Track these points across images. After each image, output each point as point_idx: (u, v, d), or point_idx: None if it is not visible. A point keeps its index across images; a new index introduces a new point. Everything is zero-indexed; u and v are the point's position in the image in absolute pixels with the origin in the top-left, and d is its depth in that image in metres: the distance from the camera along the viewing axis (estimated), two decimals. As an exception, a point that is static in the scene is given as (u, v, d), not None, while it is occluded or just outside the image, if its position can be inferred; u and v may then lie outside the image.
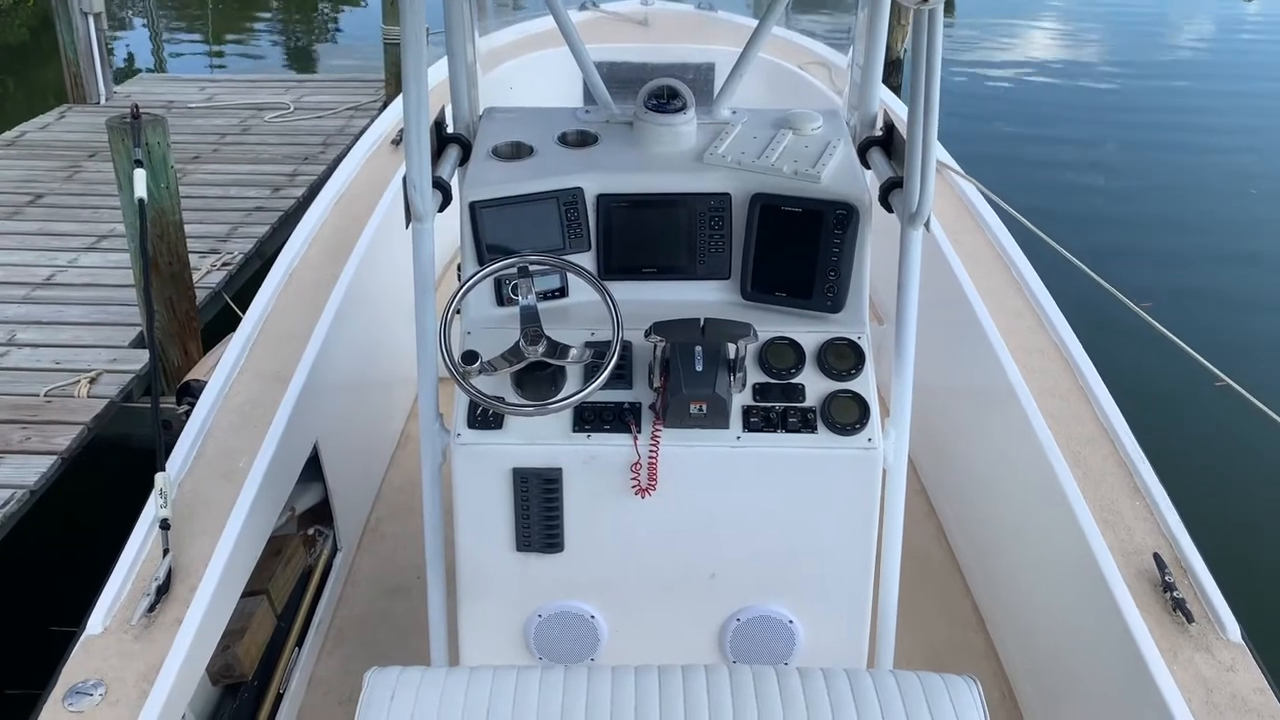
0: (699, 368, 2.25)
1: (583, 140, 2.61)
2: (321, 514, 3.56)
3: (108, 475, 3.87)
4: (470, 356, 2.14)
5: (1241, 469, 5.06)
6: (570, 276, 2.46)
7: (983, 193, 4.08)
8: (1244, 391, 3.03)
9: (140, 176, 3.73)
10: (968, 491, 3.52)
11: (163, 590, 2.43)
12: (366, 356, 3.84)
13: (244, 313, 3.52)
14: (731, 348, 2.30)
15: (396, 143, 4.68)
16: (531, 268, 2.28)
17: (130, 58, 13.20)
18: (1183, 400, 5.12)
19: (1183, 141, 10.02)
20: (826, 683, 1.76)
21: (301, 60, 13.80)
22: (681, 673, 1.80)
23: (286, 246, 3.84)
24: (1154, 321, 3.18)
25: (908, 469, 2.44)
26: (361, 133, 7.45)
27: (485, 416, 2.35)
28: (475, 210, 2.41)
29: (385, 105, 7.86)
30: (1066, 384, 3.07)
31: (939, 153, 4.42)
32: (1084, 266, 3.50)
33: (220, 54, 13.68)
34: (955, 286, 3.56)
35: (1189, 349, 3.09)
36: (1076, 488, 2.66)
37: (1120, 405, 2.98)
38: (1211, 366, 3.09)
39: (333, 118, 8.55)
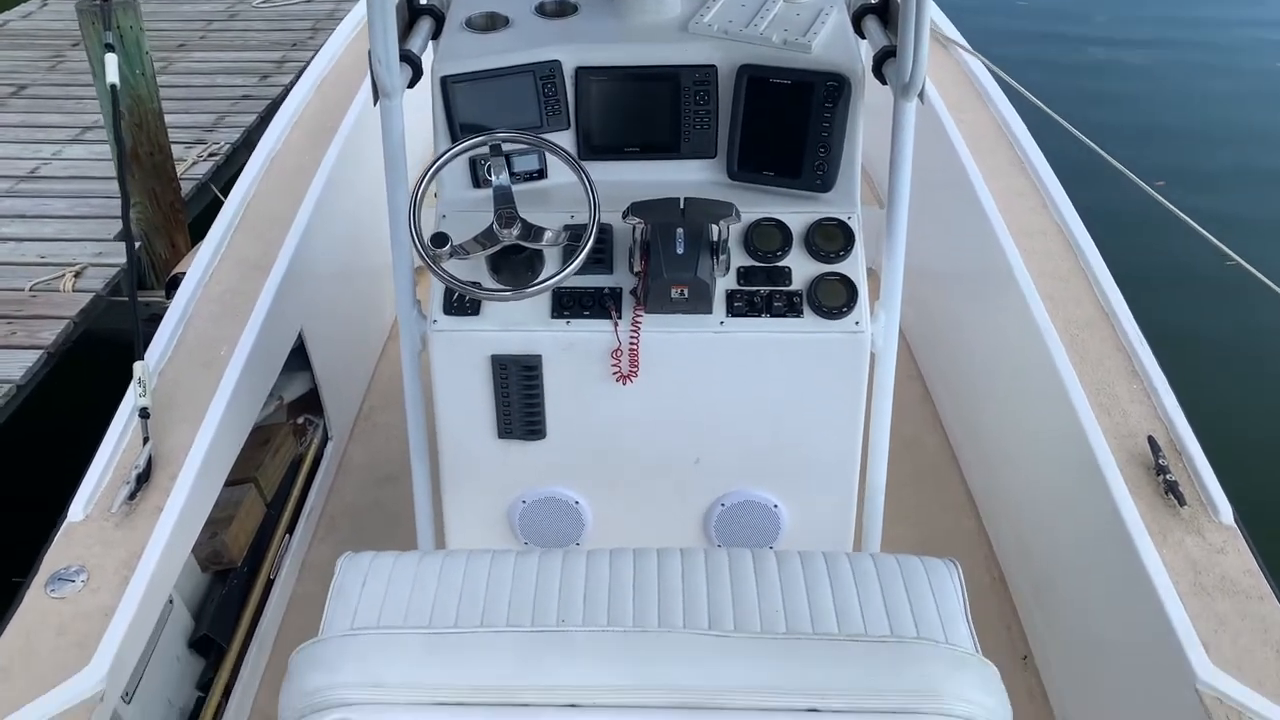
0: (680, 250, 2.18)
1: (561, 10, 2.49)
2: (311, 403, 3.53)
3: (95, 369, 3.83)
4: (440, 239, 2.06)
5: (1247, 350, 4.98)
6: (549, 157, 2.37)
7: (989, 69, 3.93)
8: (1253, 269, 2.94)
9: (112, 61, 3.59)
10: (963, 376, 3.47)
11: (143, 478, 2.41)
12: (351, 243, 3.77)
13: None
14: (714, 229, 2.22)
15: None
16: (505, 146, 2.19)
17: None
18: (1189, 281, 5.01)
19: (1205, 17, 9.64)
20: (804, 565, 1.74)
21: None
22: (657, 555, 1.78)
23: (268, 131, 3.73)
24: (1163, 199, 3.08)
25: (903, 354, 2.39)
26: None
27: (462, 302, 2.28)
28: (447, 85, 2.31)
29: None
30: (1067, 266, 2.99)
31: (944, 26, 4.25)
32: (1092, 144, 3.37)
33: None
34: (956, 165, 3.44)
35: (1198, 226, 3.00)
36: (1073, 371, 2.60)
37: (1123, 287, 2.90)
38: (1221, 245, 3.00)
39: (322, 1, 8.28)
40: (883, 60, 2.26)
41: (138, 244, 4.78)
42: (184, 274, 4.19)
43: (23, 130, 6.06)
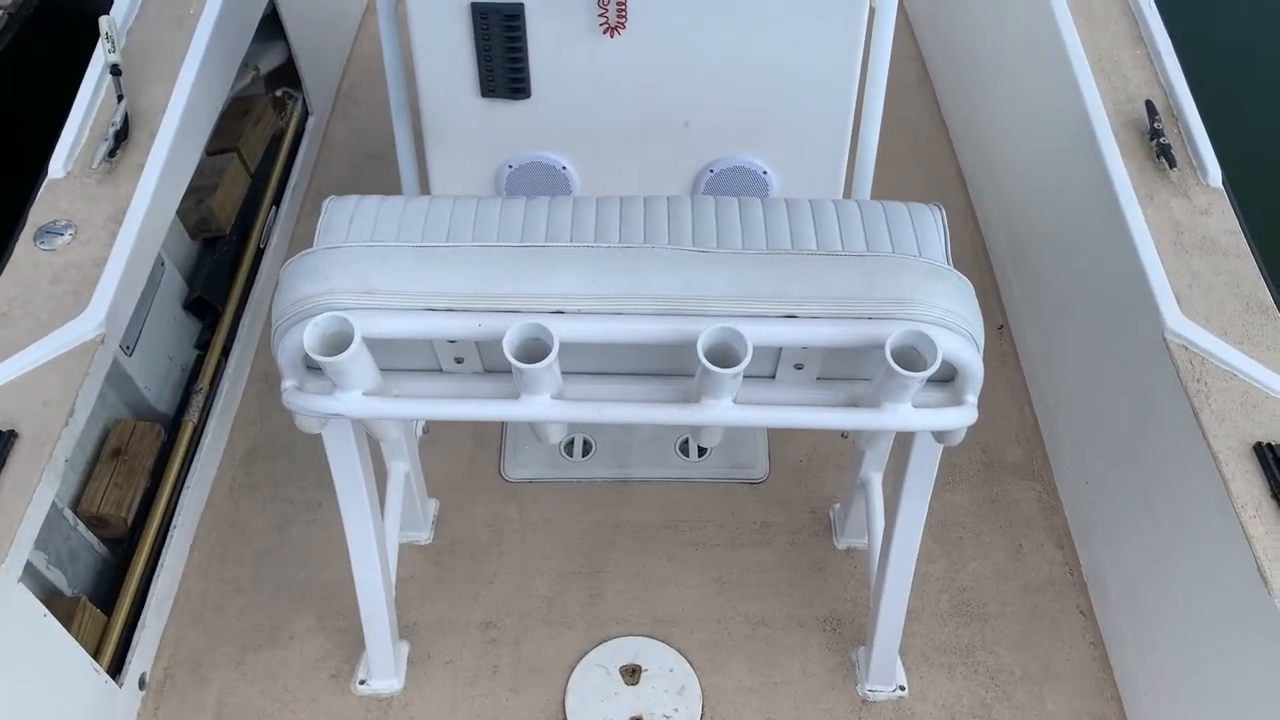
0: None
1: None
2: (289, 76, 3.42)
3: (63, 37, 3.67)
4: None
5: (1260, 24, 4.78)
6: None
7: None
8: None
9: None
10: (963, 52, 3.35)
11: (121, 136, 2.36)
12: None
13: None
14: None
15: None
16: None
17: None
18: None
19: None
20: (789, 207, 1.74)
21: None
22: (643, 201, 1.77)
23: None
24: None
25: (904, 32, 2.28)
26: None
27: None
28: None
29: None
30: None
31: None
32: None
33: None
34: None
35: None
36: (1076, 35, 2.51)
37: None
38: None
39: None
40: None
41: None
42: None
43: None
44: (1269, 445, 1.83)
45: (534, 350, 1.42)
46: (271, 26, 3.21)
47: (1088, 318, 2.42)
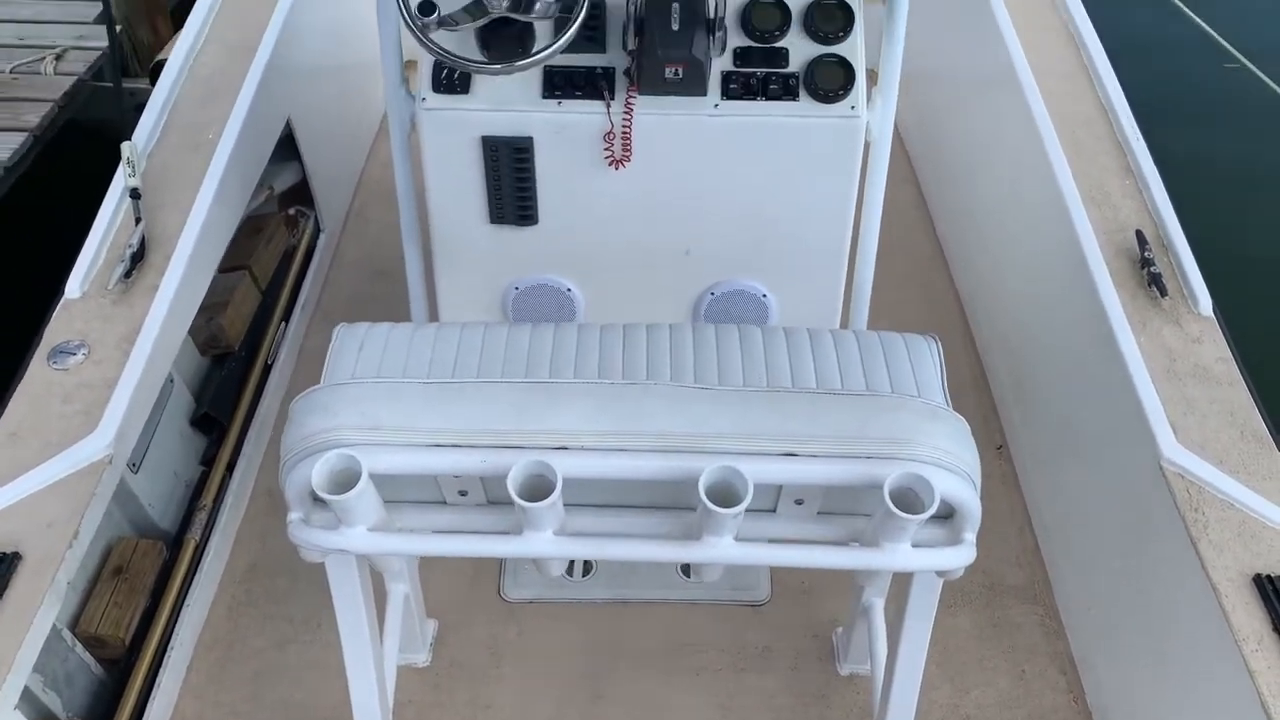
0: (675, 26, 2.12)
1: None
2: (302, 195, 3.51)
3: (82, 156, 3.79)
4: (428, 7, 2.00)
5: (1240, 150, 4.92)
6: None
7: None
8: (1258, 71, 2.89)
9: None
10: (957, 176, 3.45)
11: (137, 257, 2.43)
12: (338, 31, 3.66)
13: None
14: (711, 5, 2.15)
15: None
16: None
17: None
18: (1191, 80, 4.89)
19: None
20: (788, 338, 1.78)
21: None
22: (646, 329, 1.81)
23: None
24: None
25: (899, 156, 2.36)
26: None
27: (451, 79, 2.24)
28: None
29: None
30: (1072, 65, 2.92)
31: None
32: None
33: None
34: None
35: (1205, 25, 2.92)
36: (1067, 166, 2.59)
37: (1124, 85, 2.85)
38: (1227, 45, 2.94)
39: None
40: None
41: (118, 29, 4.63)
42: (168, 60, 4.10)
43: (-9, -94, 5.76)
44: (1269, 577, 1.83)
45: (538, 487, 1.45)
46: (286, 148, 3.32)
47: (1085, 441, 2.45)
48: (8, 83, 4.27)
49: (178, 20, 4.71)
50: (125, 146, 2.60)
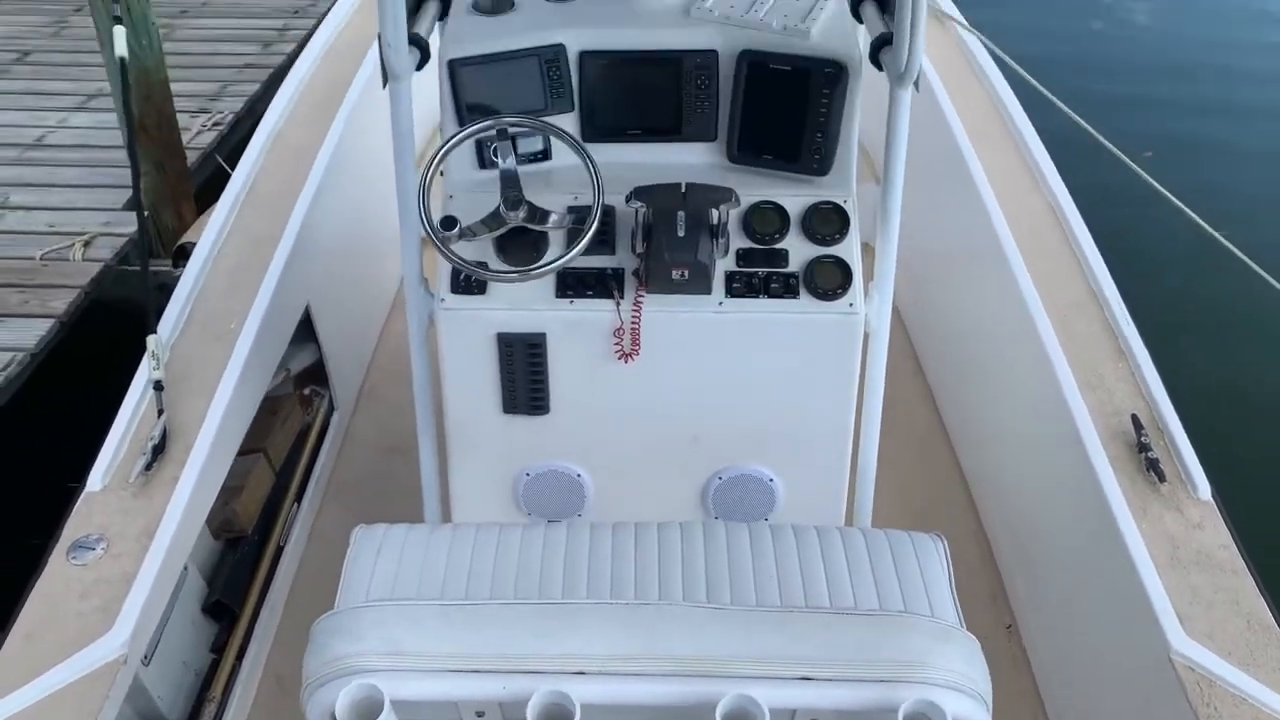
0: (681, 233, 2.24)
1: None
2: (317, 375, 3.61)
3: (105, 338, 3.90)
4: (449, 222, 2.13)
5: (1229, 329, 5.05)
6: (553, 139, 2.43)
7: (986, 45, 3.97)
8: (1235, 249, 3.01)
9: (120, 34, 3.62)
10: (954, 354, 3.54)
11: (159, 450, 2.49)
12: (356, 217, 3.82)
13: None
14: (714, 213, 2.28)
15: None
16: (512, 130, 2.24)
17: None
18: (1176, 259, 5.06)
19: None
20: (797, 539, 1.82)
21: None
22: (657, 530, 1.86)
23: (273, 103, 3.78)
24: (1154, 181, 3.13)
25: (896, 331, 2.46)
26: (352, -16, 7.20)
27: (469, 281, 2.35)
28: (454, 68, 2.36)
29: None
30: (1058, 246, 3.05)
31: (944, 3, 4.29)
32: (1086, 124, 3.42)
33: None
34: (950, 142, 3.50)
35: (1185, 207, 3.06)
36: (1060, 350, 2.68)
37: (1111, 264, 2.97)
38: (1207, 227, 3.06)
39: (324, -32, 8.25)
40: (879, 47, 2.31)
41: (145, 214, 4.83)
42: (191, 243, 4.26)
43: (28, 98, 6.07)
44: None
45: (556, 715, 1.47)
46: (304, 329, 3.43)
47: (1093, 625, 2.45)
48: (37, 269, 4.44)
49: (201, 203, 4.94)
50: (151, 340, 2.70)
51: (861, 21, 2.47)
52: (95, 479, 2.44)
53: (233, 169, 3.50)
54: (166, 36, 6.69)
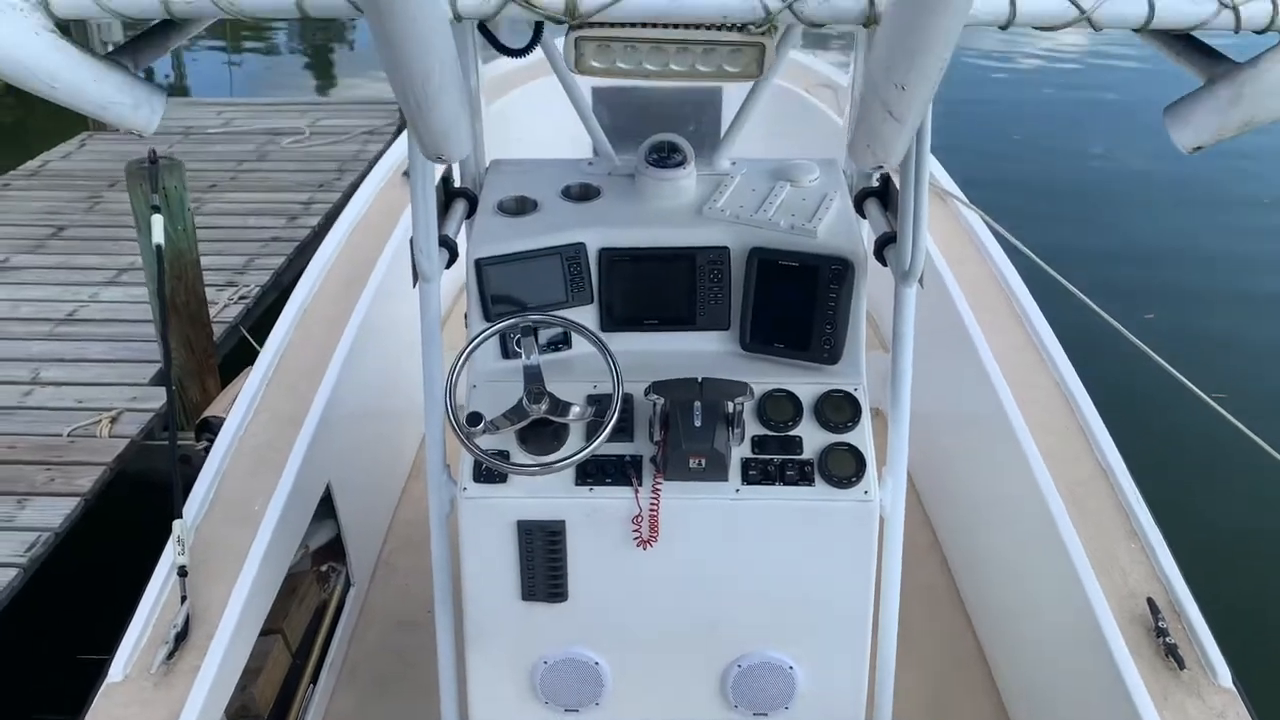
0: (698, 423, 2.31)
1: (586, 194, 2.67)
2: (335, 550, 3.63)
3: (128, 513, 3.96)
4: (475, 418, 2.20)
5: (1242, 510, 5.07)
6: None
7: (987, 223, 4.13)
8: (1250, 432, 3.07)
9: (158, 222, 3.82)
10: (969, 527, 3.56)
11: (181, 637, 2.51)
12: (379, 390, 3.92)
13: (260, 346, 3.60)
14: (730, 403, 2.35)
15: (407, 174, 4.74)
16: (536, 325, 2.34)
17: (149, 75, 13.36)
18: (1184, 436, 5.12)
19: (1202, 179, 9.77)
20: None
21: (321, 73, 14.00)
22: None
23: (301, 281, 3.92)
24: (1166, 364, 3.23)
25: (910, 500, 2.49)
26: (374, 159, 7.53)
27: (490, 471, 2.41)
28: (481, 267, 2.48)
29: (400, 129, 7.93)
30: (1066, 423, 3.11)
31: (941, 179, 4.48)
32: (1087, 299, 3.54)
33: (238, 65, 13.91)
34: (955, 317, 3.61)
35: (1199, 391, 3.14)
36: (1074, 531, 2.70)
37: (1118, 438, 3.02)
38: (1222, 410, 3.14)
39: (348, 142, 8.64)
40: (884, 245, 2.43)
41: (174, 405, 4.94)
42: (215, 417, 4.37)
43: (61, 272, 6.30)
44: None
45: None
46: (323, 506, 3.47)
47: None
48: (64, 447, 4.53)
49: (224, 374, 5.07)
50: (176, 525, 2.74)
51: (865, 218, 2.60)
52: (117, 669, 2.45)
53: (257, 340, 3.62)
54: (197, 210, 6.99)
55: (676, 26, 1.69)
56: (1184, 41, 1.73)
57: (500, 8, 1.50)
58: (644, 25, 1.64)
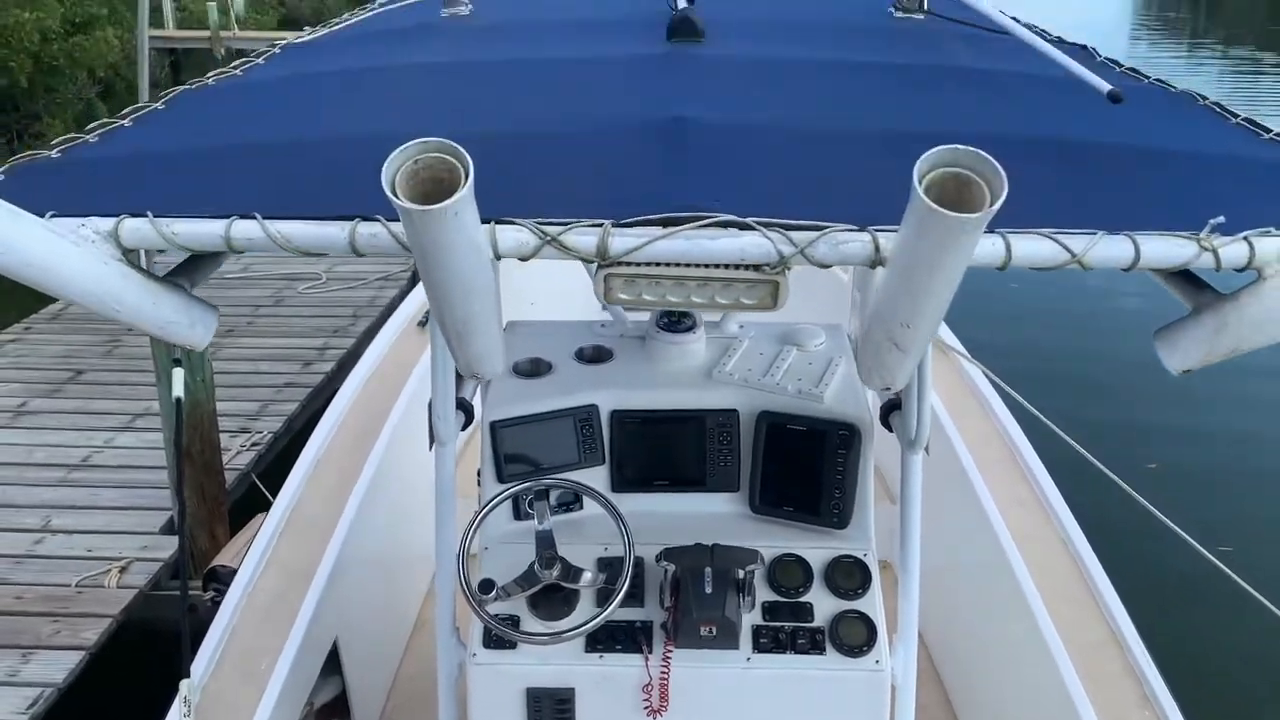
0: (708, 590, 2.32)
1: (598, 356, 2.75)
2: (339, 707, 3.57)
3: (134, 664, 3.92)
4: (487, 585, 2.22)
5: (1253, 672, 4.99)
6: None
7: (988, 377, 4.19)
8: (1257, 594, 3.07)
9: (179, 375, 3.91)
10: (979, 690, 3.50)
11: None
12: (388, 543, 3.91)
13: (270, 494, 3.61)
14: (740, 570, 2.37)
15: (423, 324, 4.84)
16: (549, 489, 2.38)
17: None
18: (1189, 591, 5.07)
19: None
20: None
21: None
22: None
23: (316, 431, 3.96)
24: (1167, 519, 3.24)
25: (922, 654, 2.47)
26: (389, 306, 7.68)
27: (500, 636, 2.41)
28: (495, 429, 2.53)
29: (415, 277, 8.10)
30: (1075, 585, 3.10)
31: (943, 333, 4.57)
32: (1090, 455, 3.58)
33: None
34: (960, 473, 3.63)
35: (1205, 551, 3.15)
36: (1087, 699, 2.67)
37: (1124, 596, 3.01)
38: (1217, 561, 3.14)
39: (363, 288, 8.79)
40: (889, 411, 2.48)
41: (187, 568, 4.93)
42: (223, 567, 4.36)
43: (78, 417, 6.37)
44: None
45: None
46: (329, 662, 3.44)
47: None
48: (71, 598, 4.52)
49: (234, 519, 5.07)
50: (184, 684, 2.72)
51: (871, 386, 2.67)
52: None
53: (267, 487, 3.63)
54: (213, 356, 7.12)
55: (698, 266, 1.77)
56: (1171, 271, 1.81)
57: (538, 249, 1.60)
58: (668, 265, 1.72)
